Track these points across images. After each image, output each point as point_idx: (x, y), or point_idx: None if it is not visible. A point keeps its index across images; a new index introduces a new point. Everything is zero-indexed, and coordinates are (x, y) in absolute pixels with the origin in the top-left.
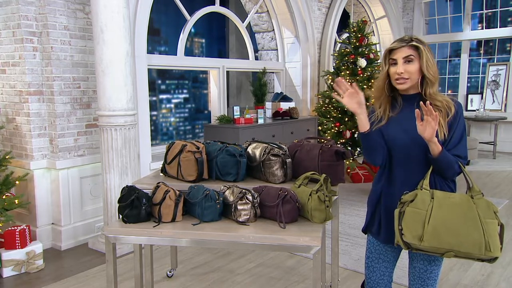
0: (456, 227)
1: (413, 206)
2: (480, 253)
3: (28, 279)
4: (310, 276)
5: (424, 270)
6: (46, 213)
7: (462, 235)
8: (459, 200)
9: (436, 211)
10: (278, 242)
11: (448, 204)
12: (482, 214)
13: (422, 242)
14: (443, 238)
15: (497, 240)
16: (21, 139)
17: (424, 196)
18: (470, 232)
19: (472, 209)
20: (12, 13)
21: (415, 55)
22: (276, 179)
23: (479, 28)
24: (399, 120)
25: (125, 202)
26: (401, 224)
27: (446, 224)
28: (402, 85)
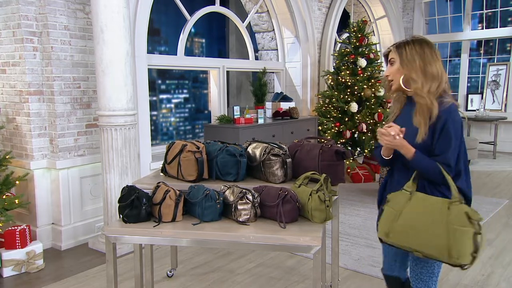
0: (420, 230)
1: (389, 205)
2: (443, 258)
3: (28, 279)
4: (310, 276)
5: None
6: (46, 213)
7: (424, 238)
8: (433, 204)
9: (408, 212)
10: (279, 242)
11: (422, 206)
12: (453, 221)
13: (389, 238)
14: (409, 237)
15: (465, 248)
16: (21, 139)
17: (403, 197)
18: (433, 236)
19: (442, 215)
20: (12, 13)
21: (396, 57)
22: (276, 179)
23: (479, 28)
24: (397, 122)
25: (125, 202)
26: (378, 220)
27: (413, 225)
28: (392, 86)
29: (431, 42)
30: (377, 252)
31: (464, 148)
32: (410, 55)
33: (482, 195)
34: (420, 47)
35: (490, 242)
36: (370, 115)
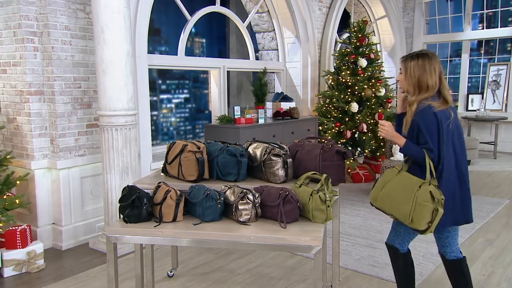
0: (393, 198)
1: (382, 177)
2: (405, 222)
3: (28, 279)
4: (311, 276)
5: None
6: (47, 213)
7: (395, 205)
8: (411, 182)
9: (390, 184)
10: (279, 242)
11: (403, 182)
12: (419, 196)
13: (376, 202)
14: (386, 203)
15: (422, 218)
16: (22, 139)
17: (391, 173)
18: (401, 205)
19: (413, 191)
20: (13, 13)
21: (402, 67)
22: (277, 179)
23: (479, 28)
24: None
25: (126, 202)
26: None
27: (389, 194)
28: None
29: (434, 55)
30: (378, 252)
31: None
32: (412, 71)
33: (483, 195)
34: (422, 62)
35: (491, 242)
36: (370, 115)
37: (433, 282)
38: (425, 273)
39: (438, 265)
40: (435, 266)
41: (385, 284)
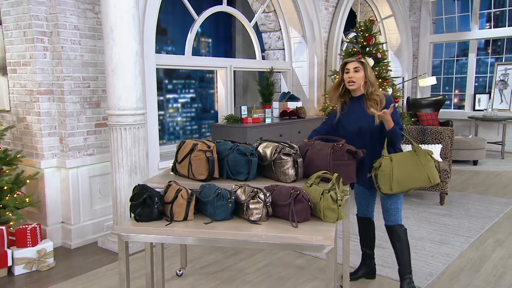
0: (409, 174)
1: (381, 170)
2: (428, 184)
3: (39, 278)
4: (320, 275)
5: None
6: (56, 211)
7: (414, 177)
8: (408, 156)
9: (395, 169)
10: (291, 241)
11: (402, 161)
12: (422, 161)
13: (392, 190)
14: (404, 183)
15: (435, 173)
16: (31, 138)
17: (386, 162)
18: (418, 174)
19: (416, 159)
20: (23, 13)
21: (360, 67)
22: (287, 178)
23: (487, 27)
24: (350, 115)
25: (137, 201)
26: (378, 183)
27: (403, 174)
28: (351, 86)
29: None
30: (386, 253)
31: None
32: (370, 69)
33: (491, 195)
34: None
35: (501, 242)
36: None
37: (443, 282)
38: (434, 273)
39: (448, 265)
40: (444, 267)
41: (395, 284)
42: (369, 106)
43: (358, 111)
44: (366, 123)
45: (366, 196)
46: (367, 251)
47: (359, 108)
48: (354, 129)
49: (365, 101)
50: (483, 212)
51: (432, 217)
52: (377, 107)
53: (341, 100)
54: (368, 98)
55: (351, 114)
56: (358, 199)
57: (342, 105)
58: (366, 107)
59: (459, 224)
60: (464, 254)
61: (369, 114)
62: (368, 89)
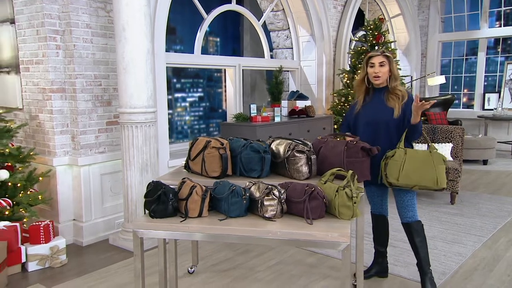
0: (419, 170)
1: (393, 159)
2: (434, 186)
3: (52, 274)
4: (332, 274)
5: (404, 201)
6: (68, 209)
7: (423, 175)
8: (422, 154)
9: (407, 162)
10: (306, 238)
11: (415, 157)
12: (435, 162)
13: (398, 181)
14: (411, 177)
15: (444, 178)
16: (43, 136)
17: (400, 153)
18: (427, 173)
19: (429, 159)
20: (36, 11)
21: (386, 61)
22: (300, 176)
23: (496, 25)
24: (371, 106)
25: (152, 197)
26: (386, 171)
27: (413, 169)
28: (377, 80)
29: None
30: (398, 251)
31: None
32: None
33: (503, 195)
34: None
35: None
36: None
37: (456, 281)
38: (447, 272)
39: (461, 265)
40: (457, 266)
41: (407, 283)
42: (390, 99)
43: (378, 103)
44: (383, 116)
45: (378, 194)
46: (380, 249)
47: (379, 100)
48: (370, 120)
49: (386, 94)
50: (495, 211)
51: (443, 216)
52: (399, 101)
53: (364, 91)
54: (391, 92)
55: (370, 105)
56: (371, 197)
57: (365, 96)
58: (386, 100)
59: (471, 224)
60: (477, 253)
61: (388, 107)
62: (392, 83)
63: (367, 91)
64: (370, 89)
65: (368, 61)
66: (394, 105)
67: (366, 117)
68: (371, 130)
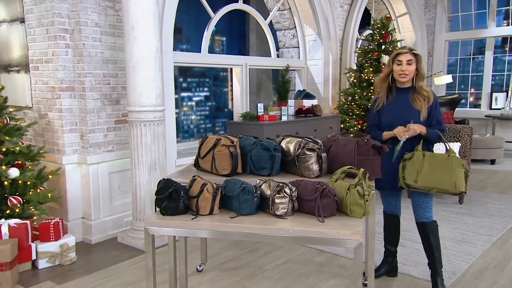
0: (438, 173)
1: (411, 161)
2: (452, 189)
3: (62, 271)
4: (341, 273)
5: (421, 202)
6: (77, 207)
7: (441, 178)
8: (440, 157)
9: (426, 164)
10: (318, 236)
11: (434, 160)
12: (454, 165)
13: (416, 183)
14: (430, 180)
15: (462, 182)
16: (53, 134)
17: (418, 155)
18: (446, 176)
19: (449, 162)
20: (46, 10)
21: (414, 60)
22: (311, 174)
23: (504, 24)
24: (394, 106)
25: (163, 195)
26: (404, 173)
27: (432, 171)
28: (403, 79)
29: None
30: (407, 250)
31: None
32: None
33: (511, 195)
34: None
35: None
36: None
37: (467, 281)
38: (458, 272)
39: (471, 264)
40: (467, 265)
41: (417, 282)
42: (416, 100)
43: (403, 103)
44: (409, 117)
45: (393, 194)
46: (391, 248)
47: (404, 101)
48: (394, 122)
49: (412, 94)
50: (504, 211)
51: (452, 215)
52: (425, 103)
53: (386, 89)
54: (417, 92)
55: (395, 105)
56: (385, 197)
57: (387, 94)
58: (412, 100)
59: (480, 223)
60: (487, 253)
61: (414, 108)
62: (418, 83)
63: (390, 89)
64: (393, 88)
65: (395, 58)
66: (421, 107)
67: (389, 118)
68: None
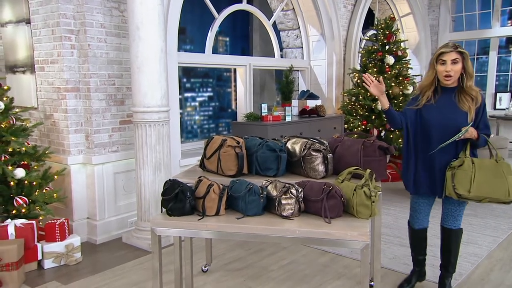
0: (491, 181)
1: (462, 169)
2: (505, 198)
3: (67, 271)
4: (346, 273)
5: (455, 210)
6: (82, 207)
7: (495, 186)
8: (489, 163)
9: (478, 172)
10: (325, 237)
11: (484, 166)
12: (505, 172)
13: (470, 193)
14: (483, 189)
15: None
16: (58, 135)
17: (469, 162)
18: (499, 184)
19: (499, 169)
20: (51, 11)
21: (460, 58)
22: (317, 175)
23: (508, 24)
24: (438, 107)
25: (170, 195)
26: (454, 182)
27: (484, 180)
28: (448, 80)
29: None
30: None
31: None
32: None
33: None
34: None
35: None
36: None
37: (473, 281)
38: (464, 273)
39: (477, 265)
40: (473, 266)
41: (422, 283)
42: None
43: (448, 104)
44: (455, 120)
45: (428, 205)
46: (420, 258)
47: (449, 102)
48: (438, 123)
49: (458, 95)
50: (509, 212)
51: None
52: (473, 104)
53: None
54: (466, 92)
55: (438, 106)
56: (420, 211)
57: (431, 94)
58: (458, 101)
59: (485, 224)
60: (493, 254)
61: (461, 109)
62: (467, 82)
63: (434, 89)
64: (438, 88)
65: (439, 57)
66: (468, 108)
67: (432, 119)
68: (438, 135)
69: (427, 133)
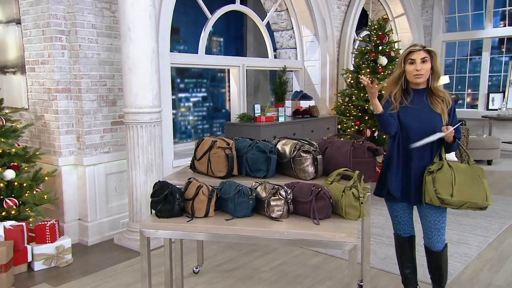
0: (470, 185)
1: (441, 172)
2: (483, 202)
3: (58, 273)
4: (337, 274)
5: (438, 221)
6: (73, 208)
7: (474, 191)
8: (464, 167)
9: (457, 175)
10: (314, 238)
11: (460, 170)
12: (481, 176)
13: (452, 197)
14: (465, 192)
15: (490, 194)
16: (49, 136)
17: (446, 166)
18: (477, 188)
19: (474, 173)
20: (42, 12)
21: (428, 57)
22: (306, 176)
23: (501, 25)
24: (413, 110)
25: (159, 197)
26: (435, 186)
27: (464, 183)
28: (418, 79)
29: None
30: None
31: None
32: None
33: (508, 196)
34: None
35: None
36: None
37: (463, 282)
38: (453, 273)
39: (467, 265)
40: (463, 266)
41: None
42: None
43: (422, 107)
44: (432, 123)
45: (408, 211)
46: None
47: (422, 104)
48: (417, 127)
49: (430, 96)
50: (500, 212)
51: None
52: (444, 106)
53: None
54: (434, 93)
55: (414, 108)
56: (401, 218)
57: (401, 97)
58: (431, 103)
59: (476, 224)
60: (483, 254)
61: (435, 112)
62: (434, 83)
63: (403, 92)
64: (408, 90)
65: (407, 57)
66: (442, 110)
67: (412, 123)
68: (416, 138)
69: (407, 136)
